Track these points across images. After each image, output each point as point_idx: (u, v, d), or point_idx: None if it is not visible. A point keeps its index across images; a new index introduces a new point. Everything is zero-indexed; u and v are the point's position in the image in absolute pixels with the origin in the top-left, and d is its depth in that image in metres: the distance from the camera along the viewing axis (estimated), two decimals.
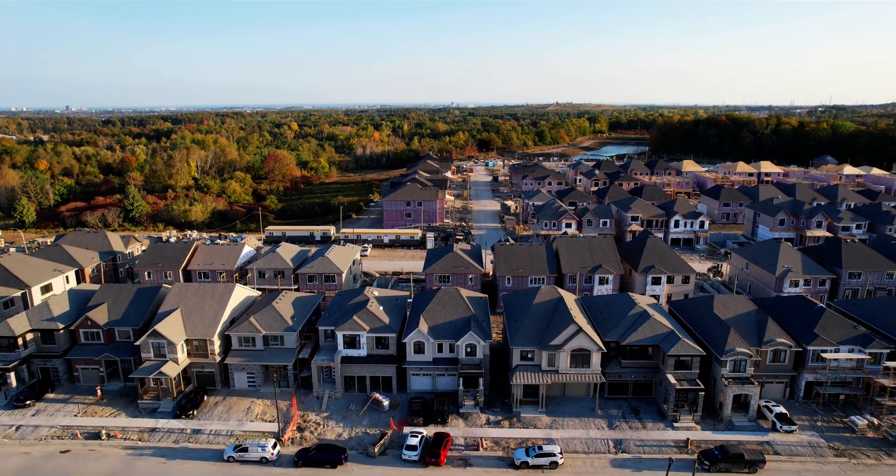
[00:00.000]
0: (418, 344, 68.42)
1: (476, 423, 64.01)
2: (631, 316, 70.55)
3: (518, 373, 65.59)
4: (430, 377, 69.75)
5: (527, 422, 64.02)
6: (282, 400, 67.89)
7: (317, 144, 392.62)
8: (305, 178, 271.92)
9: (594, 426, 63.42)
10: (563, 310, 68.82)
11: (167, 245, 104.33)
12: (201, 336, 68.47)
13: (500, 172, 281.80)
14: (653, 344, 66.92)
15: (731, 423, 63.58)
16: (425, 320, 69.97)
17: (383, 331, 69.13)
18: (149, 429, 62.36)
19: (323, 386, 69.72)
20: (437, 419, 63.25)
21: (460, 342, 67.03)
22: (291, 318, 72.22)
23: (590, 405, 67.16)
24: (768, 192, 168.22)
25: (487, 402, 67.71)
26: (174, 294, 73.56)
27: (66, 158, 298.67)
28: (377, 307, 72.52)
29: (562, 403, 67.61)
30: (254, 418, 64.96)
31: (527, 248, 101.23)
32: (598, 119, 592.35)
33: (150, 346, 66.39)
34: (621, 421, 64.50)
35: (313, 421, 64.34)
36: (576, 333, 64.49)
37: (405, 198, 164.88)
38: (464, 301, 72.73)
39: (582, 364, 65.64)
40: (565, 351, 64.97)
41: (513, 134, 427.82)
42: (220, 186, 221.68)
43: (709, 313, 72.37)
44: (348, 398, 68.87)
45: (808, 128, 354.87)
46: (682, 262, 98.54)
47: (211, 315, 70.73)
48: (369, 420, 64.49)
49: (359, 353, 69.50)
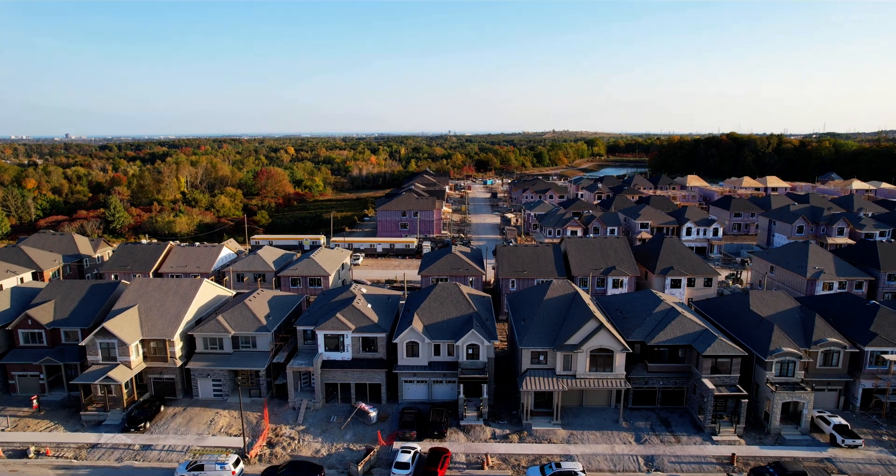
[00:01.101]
0: (412, 345, 58.96)
1: (480, 436, 54.12)
2: (657, 313, 61.42)
3: (528, 378, 56.04)
4: (426, 384, 60.02)
5: (539, 435, 54.15)
6: (252, 411, 57.98)
7: (312, 166, 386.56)
8: (299, 196, 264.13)
9: (619, 440, 53.56)
10: (581, 304, 59.71)
11: (138, 247, 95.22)
12: (160, 336, 58.92)
13: (499, 189, 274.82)
14: (684, 344, 57.64)
15: (781, 437, 53.81)
16: (420, 318, 60.72)
17: (371, 330, 59.74)
18: (89, 445, 52.22)
19: (300, 395, 59.87)
20: (434, 432, 53.39)
21: (460, 343, 57.63)
22: (266, 318, 62.87)
23: (612, 416, 57.39)
24: (781, 202, 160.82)
25: (492, 412, 57.90)
26: (133, 290, 64.27)
27: (55, 178, 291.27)
28: (365, 304, 63.32)
29: (579, 414, 57.83)
30: (217, 432, 54.93)
31: (532, 250, 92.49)
32: (596, 142, 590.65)
33: (97, 347, 56.73)
34: (650, 434, 54.68)
35: (287, 435, 54.36)
36: (596, 330, 55.25)
37: (400, 207, 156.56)
38: (464, 297, 63.62)
39: (603, 367, 56.18)
40: (583, 351, 55.60)
41: (511, 155, 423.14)
42: (209, 201, 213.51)
43: (744, 311, 63.30)
44: (330, 409, 58.97)
45: (810, 147, 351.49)
46: (702, 264, 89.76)
47: (173, 313, 61.33)
48: (353, 434, 54.55)
49: (343, 356, 59.91)
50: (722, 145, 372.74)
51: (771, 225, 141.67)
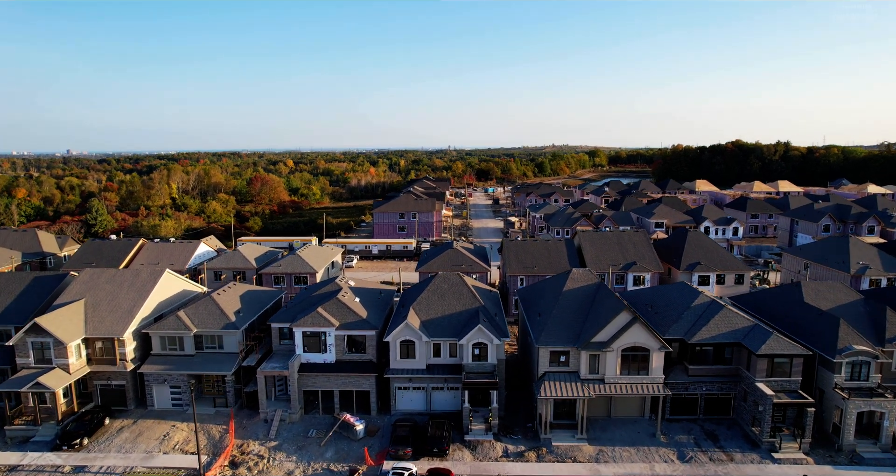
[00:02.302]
0: (407, 345, 49.63)
1: (489, 454, 44.55)
2: (696, 307, 52.14)
3: (547, 383, 46.63)
4: (423, 392, 50.54)
5: (562, 453, 44.58)
6: (217, 424, 48.47)
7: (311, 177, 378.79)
8: (294, 204, 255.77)
9: (659, 458, 43.99)
10: (608, 295, 50.47)
11: (106, 243, 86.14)
12: (107, 334, 49.59)
13: (501, 196, 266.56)
14: (732, 342, 48.32)
15: (857, 455, 44.21)
16: (417, 313, 51.49)
17: (359, 327, 50.44)
18: (7, 466, 42.62)
19: (274, 404, 50.37)
20: (433, 449, 43.85)
21: (465, 341, 48.32)
22: (236, 314, 53.59)
23: (647, 428, 47.84)
24: (799, 203, 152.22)
25: (504, 425, 48.38)
26: (81, 282, 55.11)
27: (47, 188, 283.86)
28: (352, 298, 54.12)
29: (607, 427, 48.28)
30: (171, 449, 45.35)
31: (543, 244, 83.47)
32: (598, 153, 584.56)
33: (28, 348, 47.42)
34: (695, 450, 45.10)
35: (255, 452, 44.78)
36: (629, 324, 45.96)
37: (398, 209, 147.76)
38: (469, 289, 54.43)
39: (637, 369, 46.79)
40: (614, 350, 46.26)
41: (512, 164, 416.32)
42: (200, 206, 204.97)
43: (797, 304, 54.04)
44: (308, 421, 49.43)
45: (818, 154, 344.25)
46: (732, 258, 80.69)
47: (125, 308, 52.08)
48: (335, 451, 44.98)
49: (325, 358, 50.53)
50: (727, 153, 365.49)
51: (793, 225, 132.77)
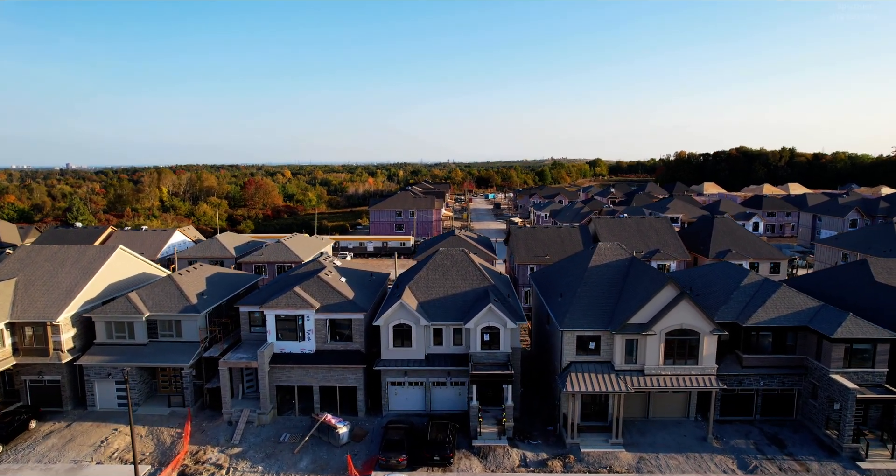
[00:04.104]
0: (402, 330, 41.06)
1: (503, 463, 35.79)
2: (746, 287, 43.71)
3: (574, 375, 38.02)
4: (421, 387, 41.85)
5: (594, 461, 35.81)
6: (168, 426, 39.72)
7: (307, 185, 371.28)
8: (290, 209, 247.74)
9: (716, 467, 35.23)
10: (645, 268, 42.00)
11: (70, 231, 77.78)
12: (37, 318, 41.01)
13: (503, 201, 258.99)
14: (796, 325, 39.83)
15: None
16: (414, 293, 43.02)
17: (344, 309, 41.89)
18: None
19: (241, 404, 41.62)
20: (434, 457, 35.12)
21: (472, 324, 39.76)
22: (199, 297, 45.07)
23: (694, 431, 39.11)
24: (818, 200, 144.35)
25: (520, 428, 39.67)
26: (15, 259, 46.62)
27: (38, 195, 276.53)
28: (336, 278, 45.69)
29: (646, 429, 39.55)
30: (106, 457, 36.54)
31: (555, 232, 75.20)
32: (599, 163, 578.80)
33: None
34: (759, 458, 36.35)
35: (212, 461, 35.99)
36: (675, 301, 37.44)
37: (395, 207, 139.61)
38: (475, 266, 45.99)
39: (685, 357, 38.19)
40: (656, 334, 37.70)
41: (512, 172, 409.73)
42: (190, 208, 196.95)
43: (867, 284, 45.64)
44: (282, 424, 40.66)
45: (824, 160, 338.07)
46: (766, 245, 72.47)
47: (65, 287, 43.57)
48: (312, 460, 36.19)
49: (303, 347, 41.91)
50: (732, 159, 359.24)
51: (815, 221, 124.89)
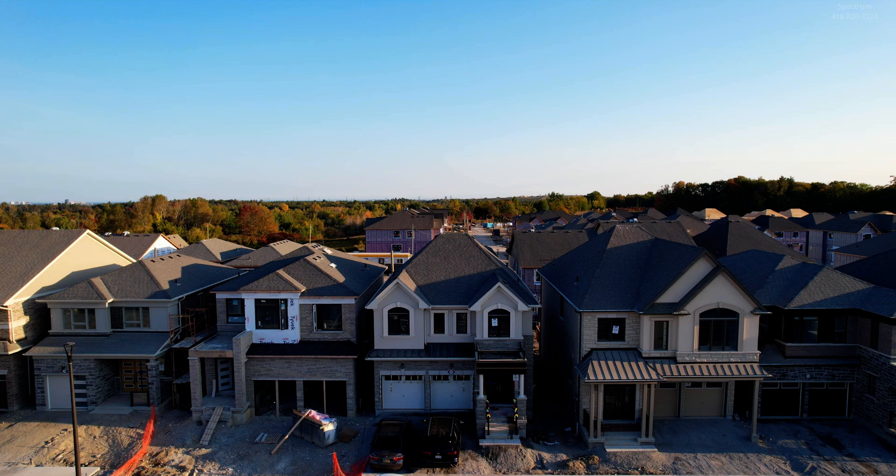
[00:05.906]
0: (398, 316, 36.28)
1: (516, 465, 30.48)
2: (782, 271, 39.30)
3: (595, 363, 33.11)
4: (420, 382, 36.71)
5: (622, 462, 30.53)
6: (128, 426, 34.36)
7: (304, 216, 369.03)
8: (285, 236, 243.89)
9: (766, 468, 29.96)
10: (671, 245, 37.57)
11: None
12: None
13: (501, 229, 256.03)
14: (847, 308, 35.24)
15: None
16: (412, 276, 38.46)
17: (333, 293, 37.17)
18: None
19: (214, 402, 36.30)
20: (435, 456, 29.83)
21: (479, 307, 35.01)
22: (172, 283, 40.36)
23: (735, 430, 33.90)
24: (824, 218, 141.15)
25: (534, 429, 34.40)
26: None
27: (31, 224, 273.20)
28: (325, 262, 41.20)
29: (679, 428, 34.31)
30: (48, 459, 31.09)
31: (561, 236, 71.13)
32: (597, 196, 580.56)
33: None
34: (815, 459, 31.12)
35: (174, 463, 30.58)
36: (711, 276, 32.91)
37: (392, 227, 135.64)
38: (480, 250, 41.57)
39: (723, 341, 33.36)
40: (689, 314, 33.02)
41: (510, 203, 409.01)
42: (183, 233, 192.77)
43: None
44: (260, 424, 35.29)
45: (823, 189, 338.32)
46: (785, 248, 68.15)
47: (18, 271, 38.88)
48: (292, 462, 30.81)
49: (285, 336, 36.96)
50: (731, 189, 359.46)
51: (826, 239, 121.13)
